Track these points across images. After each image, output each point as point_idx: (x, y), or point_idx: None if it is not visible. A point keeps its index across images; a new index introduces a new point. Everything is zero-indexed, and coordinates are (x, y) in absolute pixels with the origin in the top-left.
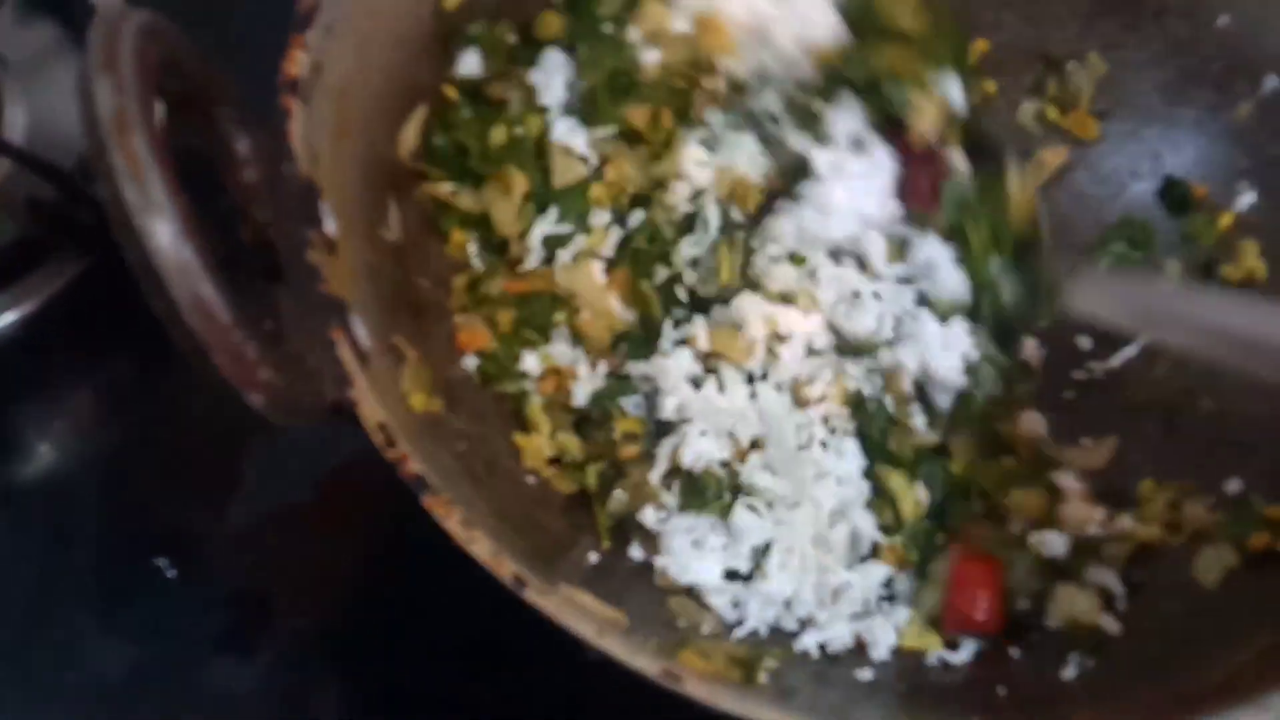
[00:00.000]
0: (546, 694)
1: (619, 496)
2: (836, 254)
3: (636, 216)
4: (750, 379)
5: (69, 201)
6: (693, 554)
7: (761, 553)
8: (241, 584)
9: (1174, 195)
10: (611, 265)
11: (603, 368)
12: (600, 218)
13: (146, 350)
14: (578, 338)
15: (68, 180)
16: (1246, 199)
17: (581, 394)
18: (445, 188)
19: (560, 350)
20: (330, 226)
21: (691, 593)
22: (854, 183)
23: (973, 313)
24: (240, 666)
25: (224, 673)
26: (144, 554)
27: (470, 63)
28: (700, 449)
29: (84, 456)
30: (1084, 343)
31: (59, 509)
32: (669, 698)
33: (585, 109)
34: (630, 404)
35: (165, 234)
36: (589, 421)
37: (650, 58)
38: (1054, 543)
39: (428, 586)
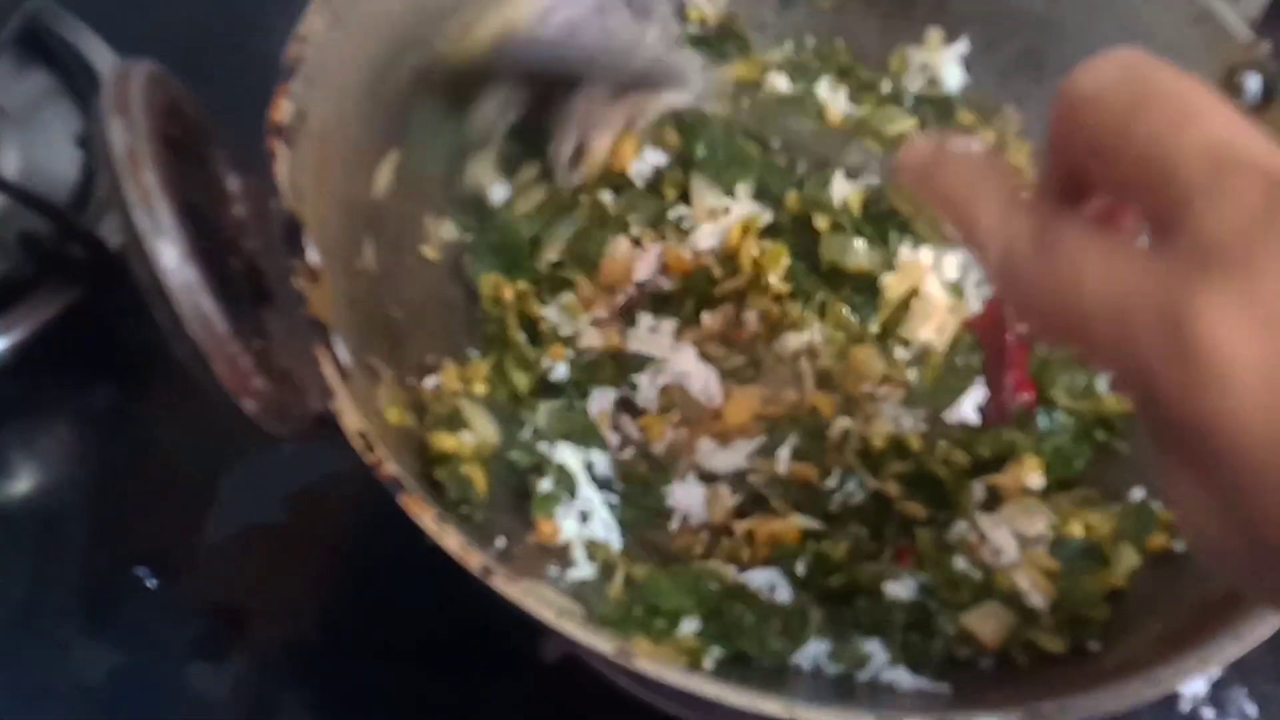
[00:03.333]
0: (508, 699)
1: None
2: None
3: None
4: None
5: (61, 236)
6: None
7: None
8: (218, 595)
9: None
10: None
11: None
12: None
13: (129, 378)
14: None
15: (60, 216)
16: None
17: None
18: None
19: None
20: (313, 257)
21: None
22: None
23: None
24: (215, 673)
25: (200, 678)
26: (126, 565)
27: None
28: None
29: (69, 476)
30: None
31: (46, 525)
32: (620, 699)
33: None
34: None
35: (172, 256)
36: None
37: None
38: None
39: (393, 598)
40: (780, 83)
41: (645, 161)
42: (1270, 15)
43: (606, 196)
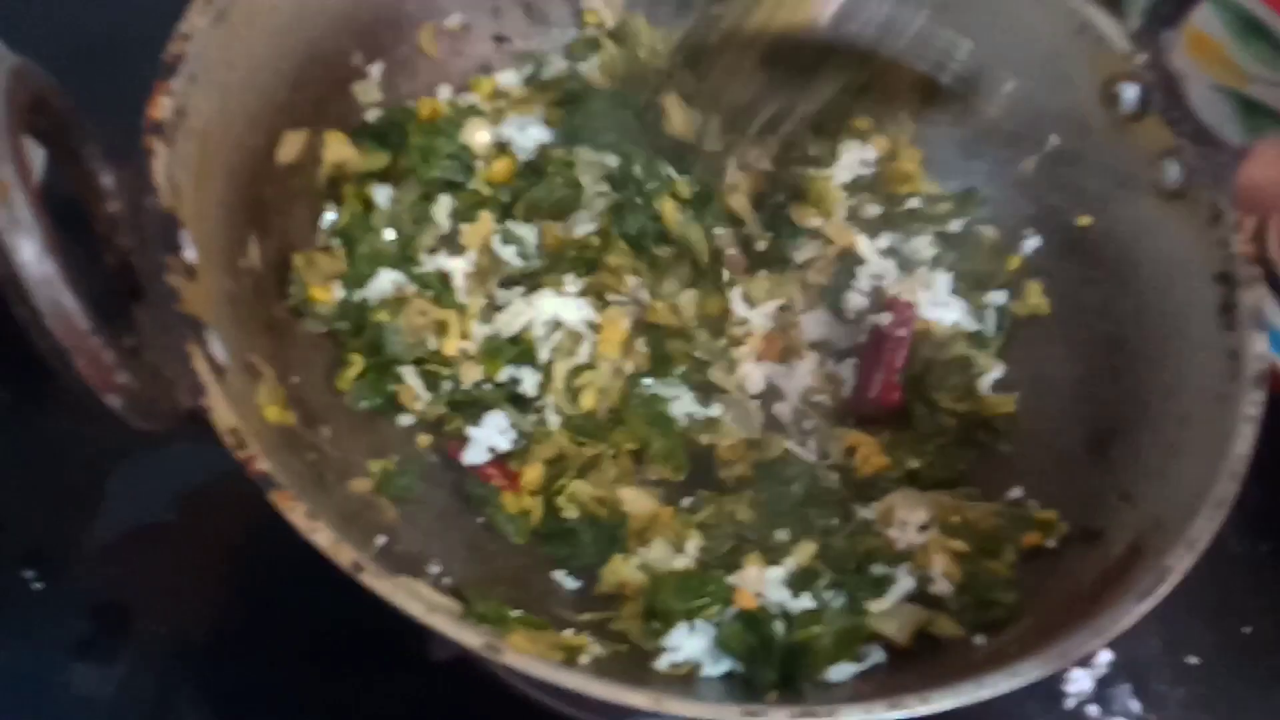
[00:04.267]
0: (397, 696)
1: None
2: None
3: None
4: None
5: None
6: None
7: None
8: (104, 595)
9: None
10: None
11: None
12: None
13: (16, 376)
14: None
15: None
16: (1031, 244)
17: None
18: None
19: None
20: (190, 254)
21: None
22: None
23: None
24: (101, 673)
25: (85, 679)
26: (11, 566)
27: None
28: None
29: None
30: None
31: None
32: (513, 700)
33: None
34: None
35: (29, 250)
36: None
37: None
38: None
39: (284, 598)
40: None
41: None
42: (1147, 28)
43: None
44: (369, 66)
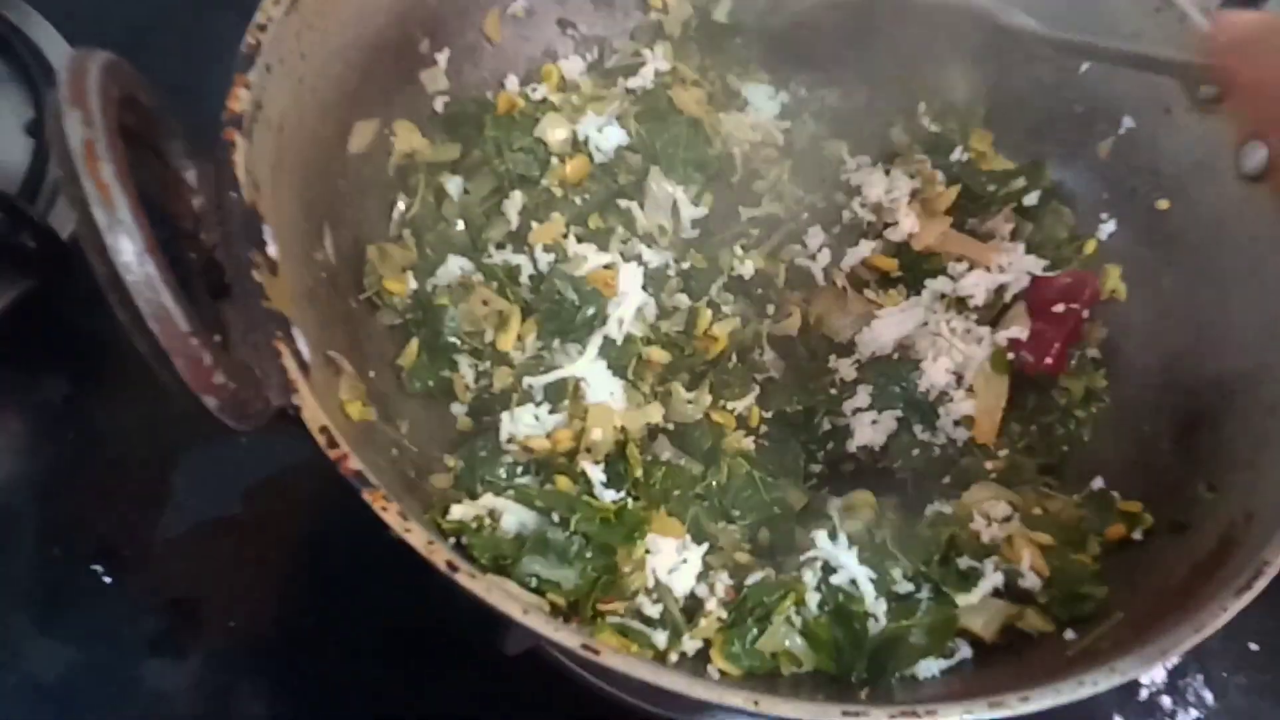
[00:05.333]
0: (469, 691)
1: None
2: None
3: None
4: None
5: (11, 226)
6: None
7: None
8: (173, 590)
9: None
10: None
11: None
12: None
13: (81, 370)
14: None
15: (11, 205)
16: (1108, 228)
17: None
18: None
19: None
20: (272, 249)
21: None
22: None
23: None
24: (173, 667)
25: (157, 673)
26: (81, 562)
27: None
28: None
29: (21, 471)
30: None
31: None
32: (582, 692)
33: None
34: None
35: (130, 251)
36: None
37: None
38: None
39: (352, 590)
40: None
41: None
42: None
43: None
44: (436, 54)
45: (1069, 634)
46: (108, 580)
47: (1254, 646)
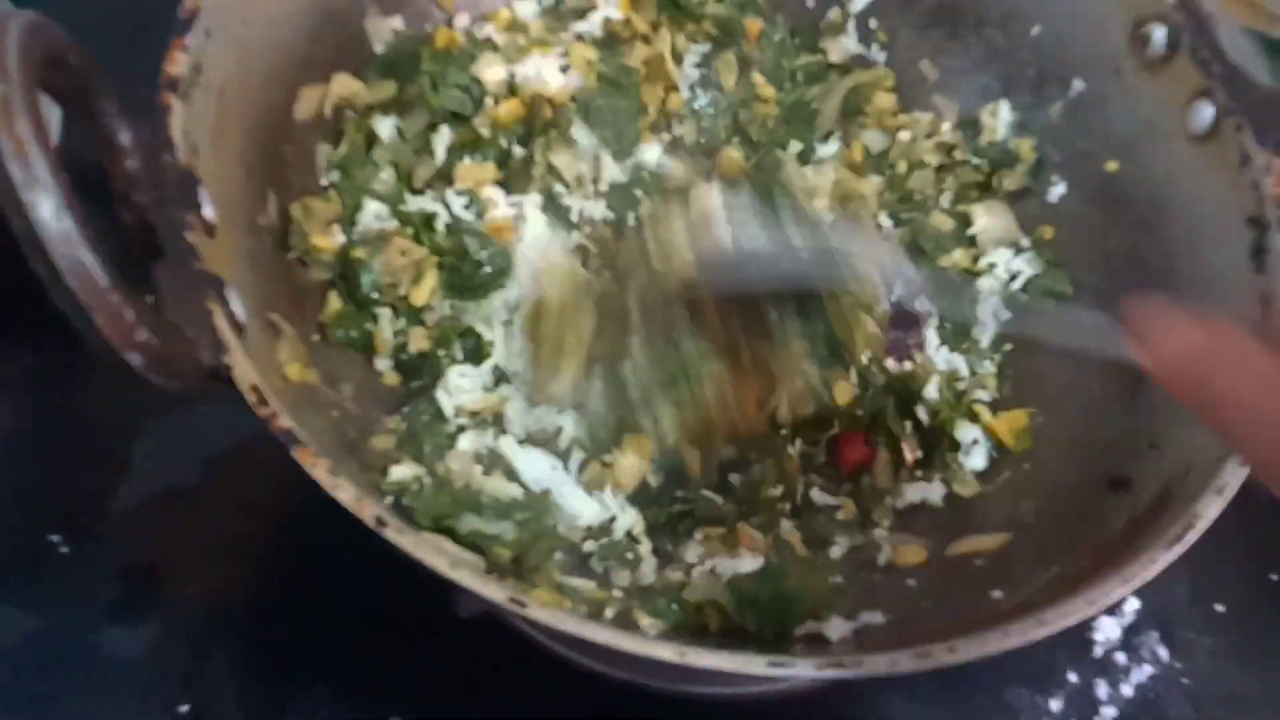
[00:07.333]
0: (428, 656)
1: None
2: None
3: None
4: None
5: None
6: None
7: None
8: (133, 559)
9: None
10: None
11: None
12: None
13: (43, 343)
14: None
15: None
16: (1058, 190)
17: None
18: None
19: None
20: (209, 211)
21: None
22: None
23: None
24: (132, 635)
25: (117, 641)
26: (38, 531)
27: None
28: None
29: None
30: None
31: None
32: (539, 654)
33: None
34: None
35: (47, 207)
36: None
37: None
38: None
39: (313, 557)
40: None
41: None
42: None
43: None
44: (387, 20)
45: (996, 593)
46: (64, 550)
47: (1220, 608)
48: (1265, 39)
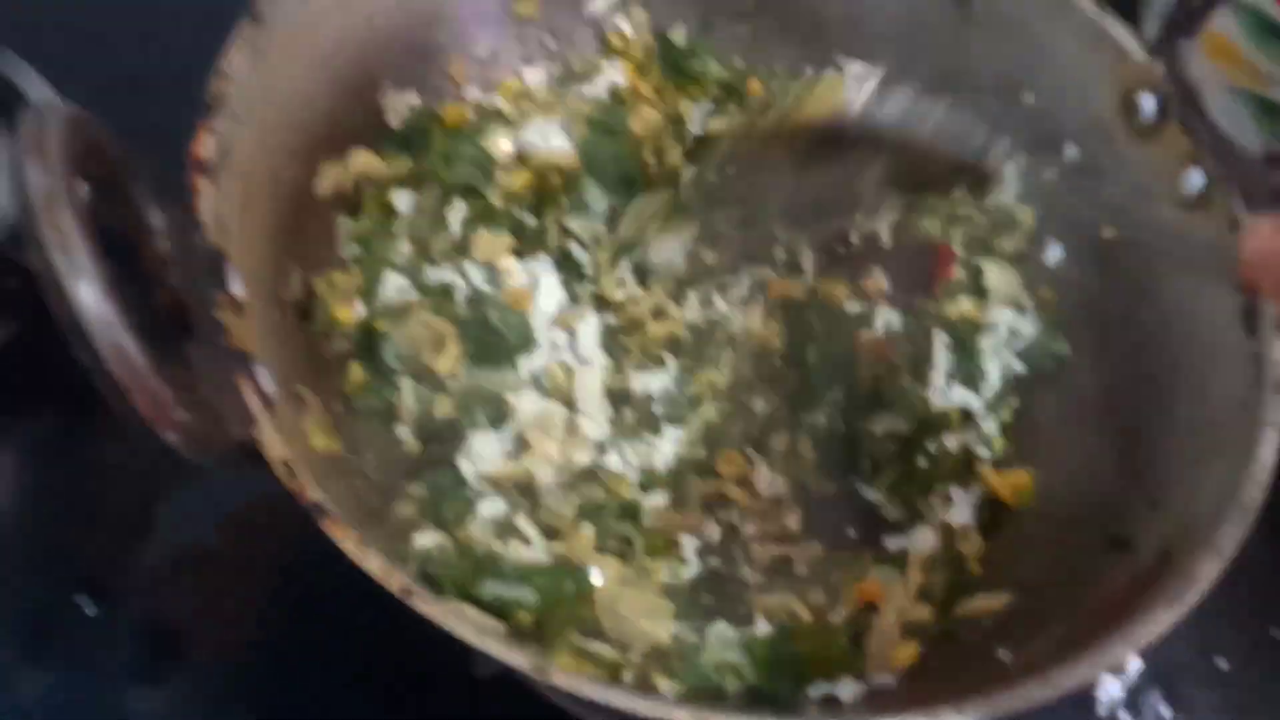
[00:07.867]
0: (444, 713)
1: None
2: None
3: None
4: None
5: None
6: None
7: None
8: (156, 620)
9: None
10: None
11: None
12: None
13: (66, 408)
14: None
15: None
16: (1055, 253)
17: None
18: None
19: None
20: (237, 289)
21: None
22: None
23: None
24: (155, 696)
25: (140, 702)
26: (65, 593)
27: None
28: None
29: (7, 505)
30: None
31: None
32: (556, 715)
33: None
34: None
35: (89, 295)
36: None
37: None
38: None
39: (331, 619)
40: None
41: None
42: (1165, 38)
43: None
44: (402, 96)
45: (1002, 652)
46: (91, 612)
47: (1222, 664)
48: (1255, 98)
